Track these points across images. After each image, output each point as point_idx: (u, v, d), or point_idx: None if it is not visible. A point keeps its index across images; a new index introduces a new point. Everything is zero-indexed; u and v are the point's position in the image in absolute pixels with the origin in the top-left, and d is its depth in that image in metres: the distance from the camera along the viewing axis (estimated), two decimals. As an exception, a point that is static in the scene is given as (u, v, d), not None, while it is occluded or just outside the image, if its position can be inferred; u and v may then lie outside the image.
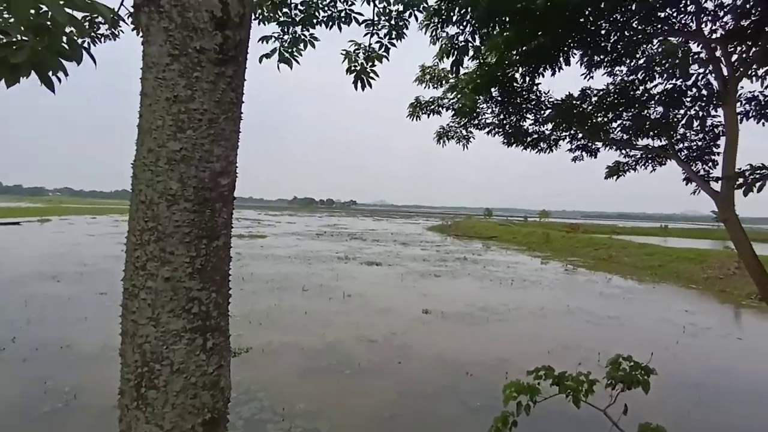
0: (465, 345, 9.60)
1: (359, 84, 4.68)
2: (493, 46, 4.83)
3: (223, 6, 1.30)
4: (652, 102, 5.71)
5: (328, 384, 7.29)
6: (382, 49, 4.68)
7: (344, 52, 4.76)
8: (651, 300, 15.89)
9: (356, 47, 4.73)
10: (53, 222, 45.96)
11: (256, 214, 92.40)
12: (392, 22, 4.60)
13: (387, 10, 4.57)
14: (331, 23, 4.61)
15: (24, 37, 1.65)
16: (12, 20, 1.66)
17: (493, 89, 5.67)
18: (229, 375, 1.51)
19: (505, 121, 6.23)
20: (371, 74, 4.65)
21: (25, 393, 6.60)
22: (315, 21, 4.60)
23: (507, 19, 4.57)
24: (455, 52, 4.55)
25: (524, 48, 5.07)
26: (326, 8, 4.56)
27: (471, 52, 5.03)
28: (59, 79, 1.86)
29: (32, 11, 1.66)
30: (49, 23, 1.55)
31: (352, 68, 4.67)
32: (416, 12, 4.58)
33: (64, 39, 1.75)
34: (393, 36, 4.64)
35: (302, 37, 4.65)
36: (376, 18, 4.60)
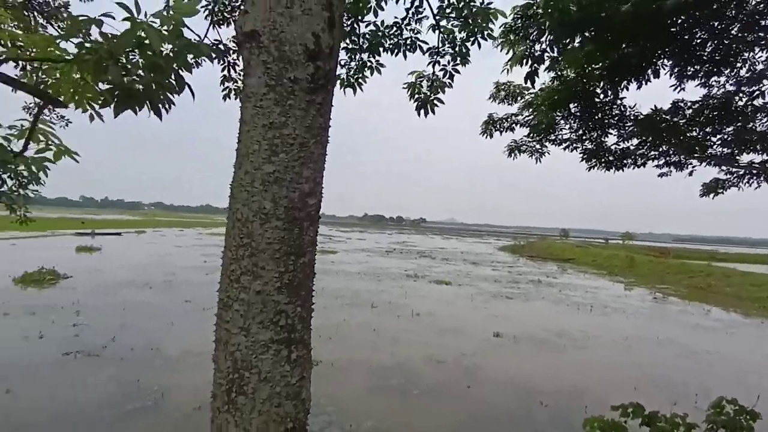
0: (539, 372, 9.09)
1: (422, 111, 4.75)
2: (572, 61, 4.66)
3: (316, 39, 1.40)
4: (760, 114, 5.14)
5: (395, 402, 7.24)
6: (446, 76, 4.71)
7: (407, 85, 4.85)
8: (758, 336, 14.03)
9: (419, 77, 4.80)
10: (148, 234, 50.85)
11: (328, 229, 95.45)
12: (456, 48, 4.63)
13: (451, 37, 4.61)
14: (396, 51, 4.73)
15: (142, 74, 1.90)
16: (134, 60, 1.92)
17: (571, 104, 5.45)
18: (310, 387, 1.57)
19: (584, 137, 5.94)
20: (435, 102, 4.71)
21: (122, 389, 7.26)
22: (381, 49, 4.75)
23: (589, 30, 4.38)
24: (530, 62, 4.44)
25: (607, 61, 4.83)
26: (392, 36, 4.69)
27: (546, 62, 4.88)
28: (166, 110, 2.11)
29: (149, 52, 1.91)
30: (162, 63, 1.78)
31: (416, 96, 4.75)
32: (480, 38, 4.57)
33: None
34: (457, 62, 4.67)
35: (368, 63, 4.83)
36: (440, 45, 4.66)
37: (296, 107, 1.40)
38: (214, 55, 1.91)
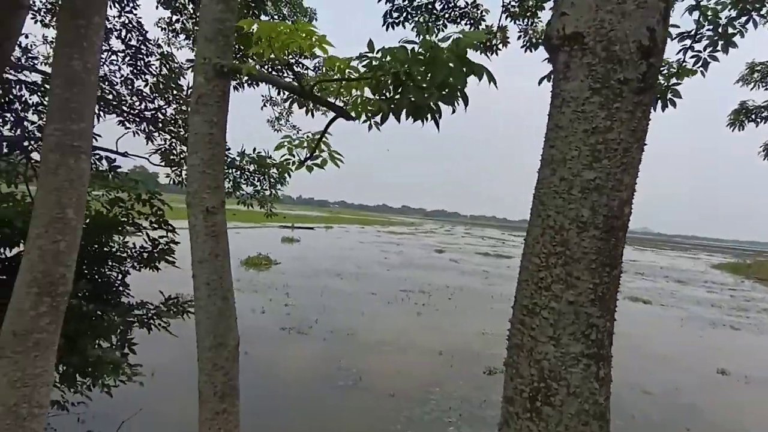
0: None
1: (659, 104, 4.12)
2: None
3: (651, 34, 1.29)
4: None
5: (595, 429, 6.57)
6: (700, 64, 3.98)
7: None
8: None
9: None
10: (334, 229, 57.45)
11: (500, 233, 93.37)
12: (719, 30, 3.85)
13: (713, 18, 3.86)
14: None
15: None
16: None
17: None
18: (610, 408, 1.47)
19: None
20: (675, 93, 4.04)
21: (327, 366, 8.29)
22: None
23: None
24: None
25: None
26: None
27: None
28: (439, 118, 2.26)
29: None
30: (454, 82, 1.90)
31: None
32: (755, 16, 3.73)
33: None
34: (717, 48, 3.89)
35: None
36: (697, 28, 3.95)
37: (623, 110, 1.32)
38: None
